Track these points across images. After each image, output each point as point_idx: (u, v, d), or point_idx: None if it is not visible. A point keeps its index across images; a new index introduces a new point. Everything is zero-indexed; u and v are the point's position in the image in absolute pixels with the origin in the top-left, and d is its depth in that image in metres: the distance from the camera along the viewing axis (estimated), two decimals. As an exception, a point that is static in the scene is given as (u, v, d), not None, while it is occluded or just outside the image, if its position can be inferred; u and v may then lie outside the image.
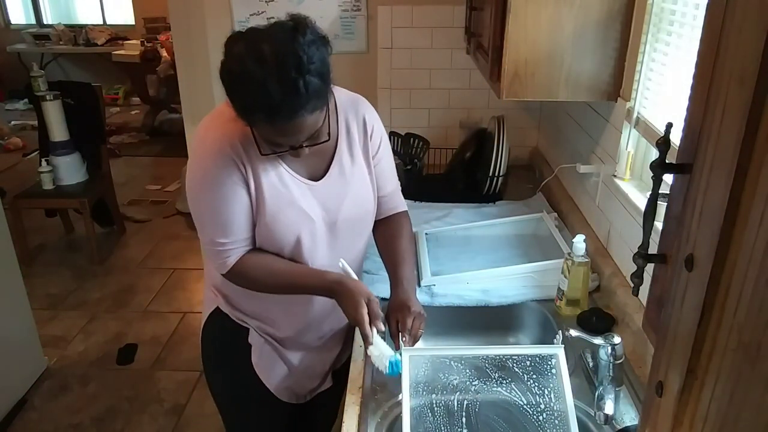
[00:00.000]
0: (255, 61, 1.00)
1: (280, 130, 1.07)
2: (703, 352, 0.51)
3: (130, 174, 5.11)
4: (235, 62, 1.03)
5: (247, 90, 1.02)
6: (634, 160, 1.51)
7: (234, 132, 1.16)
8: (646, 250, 0.62)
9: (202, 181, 1.20)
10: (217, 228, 1.22)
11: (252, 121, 1.09)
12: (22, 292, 2.58)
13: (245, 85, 1.02)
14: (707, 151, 0.50)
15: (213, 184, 1.18)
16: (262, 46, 1.01)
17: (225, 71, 1.04)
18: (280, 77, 1.00)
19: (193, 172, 1.22)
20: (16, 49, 6.88)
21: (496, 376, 1.22)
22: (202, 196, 1.21)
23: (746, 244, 0.44)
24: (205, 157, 1.19)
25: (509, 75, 1.48)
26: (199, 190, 1.21)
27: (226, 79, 1.04)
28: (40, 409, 2.54)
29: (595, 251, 1.61)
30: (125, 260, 3.74)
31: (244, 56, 1.01)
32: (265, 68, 1.00)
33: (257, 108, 1.03)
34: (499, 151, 2.06)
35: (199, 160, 1.20)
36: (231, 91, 1.05)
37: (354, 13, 2.44)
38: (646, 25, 1.38)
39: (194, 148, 1.23)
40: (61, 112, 3.55)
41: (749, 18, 0.44)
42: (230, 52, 1.04)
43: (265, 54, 1.00)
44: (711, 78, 0.50)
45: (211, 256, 1.26)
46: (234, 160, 1.17)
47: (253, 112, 1.05)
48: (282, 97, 1.01)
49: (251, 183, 1.19)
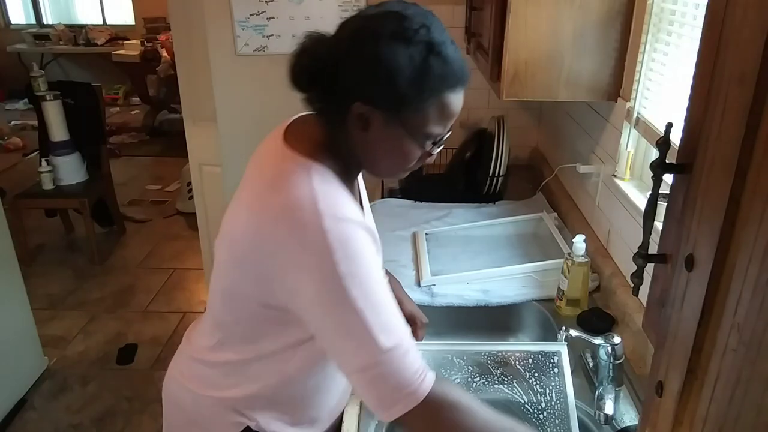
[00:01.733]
0: (422, 28, 0.84)
1: (453, 107, 0.90)
2: (703, 352, 0.51)
3: (130, 174, 5.11)
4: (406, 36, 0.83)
5: (439, 61, 0.84)
6: (634, 160, 1.51)
7: (339, 186, 0.89)
8: (646, 250, 0.62)
9: (352, 272, 0.81)
10: (390, 324, 0.84)
11: (428, 102, 0.86)
12: (22, 292, 2.58)
13: (434, 54, 0.83)
14: (707, 151, 0.50)
15: (366, 266, 0.83)
16: (407, 14, 0.85)
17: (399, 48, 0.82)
18: (446, 38, 0.86)
19: (326, 269, 0.81)
20: (16, 49, 6.88)
21: (498, 373, 1.21)
22: (355, 291, 0.81)
23: (746, 244, 0.44)
24: (339, 240, 0.81)
25: (509, 75, 1.48)
26: (353, 284, 0.81)
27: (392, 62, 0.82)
28: (40, 409, 2.54)
29: (595, 251, 1.61)
30: (125, 260, 3.74)
31: (411, 29, 0.83)
32: (433, 33, 0.84)
33: (443, 79, 0.85)
34: (499, 151, 2.06)
35: (327, 250, 0.80)
36: (403, 74, 0.82)
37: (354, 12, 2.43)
38: (646, 25, 1.38)
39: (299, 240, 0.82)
40: (61, 112, 3.55)
41: (749, 18, 0.44)
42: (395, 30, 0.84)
43: (424, 21, 0.85)
44: (711, 78, 0.50)
45: (396, 377, 0.82)
46: (364, 225, 0.86)
47: (436, 86, 0.85)
48: (458, 57, 0.88)
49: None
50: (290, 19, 2.45)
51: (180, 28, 2.58)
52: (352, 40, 0.86)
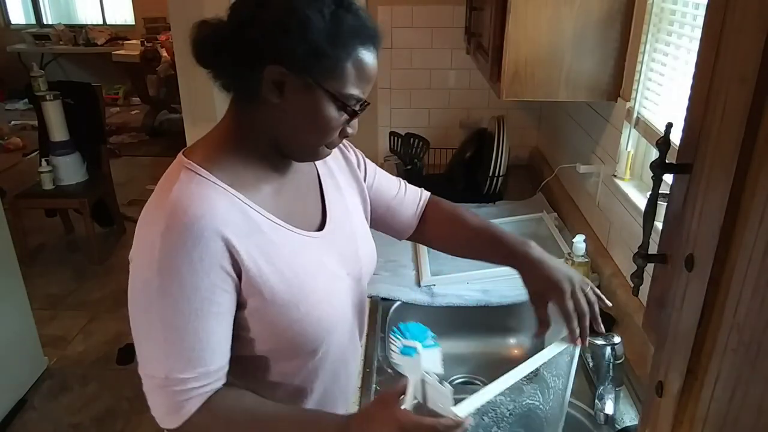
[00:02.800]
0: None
1: (370, 67, 0.85)
2: (703, 352, 0.51)
3: (130, 174, 5.11)
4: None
5: (349, 15, 0.81)
6: (634, 160, 1.51)
7: (226, 204, 0.81)
8: (646, 250, 0.62)
9: (162, 279, 0.79)
10: (183, 357, 0.80)
11: (344, 59, 0.81)
12: (22, 292, 2.58)
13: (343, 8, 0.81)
14: (707, 151, 0.50)
15: (183, 284, 0.78)
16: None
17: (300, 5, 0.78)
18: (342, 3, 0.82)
19: (146, 266, 0.81)
20: (16, 49, 6.88)
21: (528, 389, 1.13)
22: (160, 305, 0.80)
23: (746, 244, 0.44)
24: (169, 248, 0.78)
25: (509, 75, 1.48)
26: (157, 296, 0.80)
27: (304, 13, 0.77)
28: (40, 409, 2.54)
29: (595, 251, 1.61)
30: (125, 260, 3.67)
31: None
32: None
33: (356, 32, 0.81)
34: (499, 151, 2.06)
35: (157, 248, 0.79)
36: (316, 26, 0.78)
37: None
38: (646, 25, 1.38)
39: (147, 230, 0.82)
40: (61, 112, 3.55)
41: (749, 18, 0.44)
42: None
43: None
44: (711, 78, 0.50)
45: (159, 398, 0.83)
46: (222, 237, 0.79)
47: (349, 40, 0.81)
48: (358, 17, 0.83)
49: (251, 275, 0.82)
50: (290, 19, 2.44)
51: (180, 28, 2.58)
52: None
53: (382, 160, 2.55)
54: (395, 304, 1.56)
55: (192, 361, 0.81)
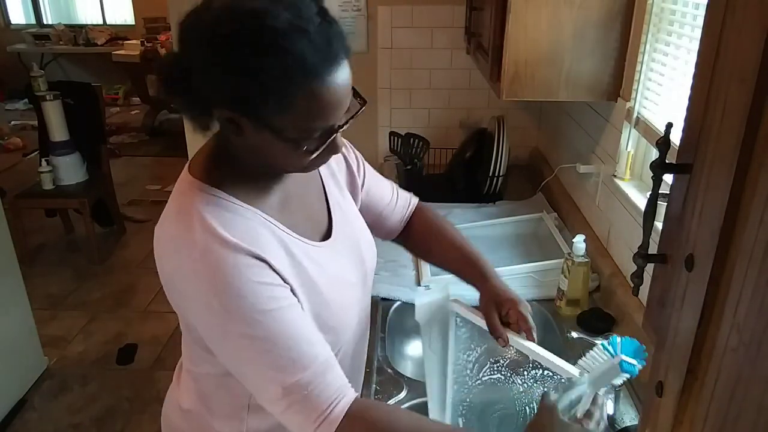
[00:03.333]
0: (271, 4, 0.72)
1: (330, 93, 0.75)
2: (703, 352, 0.51)
3: (130, 174, 5.11)
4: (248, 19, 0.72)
5: (281, 47, 0.71)
6: (634, 160, 1.51)
7: (251, 223, 0.82)
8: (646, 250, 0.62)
9: (221, 299, 0.77)
10: (286, 361, 0.79)
11: (286, 97, 0.74)
12: (22, 292, 2.58)
13: (278, 40, 0.71)
14: (707, 151, 0.50)
15: (243, 294, 0.78)
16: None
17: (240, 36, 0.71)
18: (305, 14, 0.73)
19: (200, 297, 0.79)
20: (16, 49, 6.88)
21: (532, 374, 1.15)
22: (234, 325, 0.78)
23: (746, 244, 0.44)
24: (214, 267, 0.77)
25: (509, 75, 1.48)
26: (227, 319, 0.78)
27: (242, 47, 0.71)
28: (40, 409, 2.54)
29: (595, 251, 1.61)
30: (125, 260, 3.74)
31: (258, 11, 0.71)
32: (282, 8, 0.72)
33: (305, 63, 0.72)
34: (499, 151, 2.06)
35: (203, 276, 0.78)
36: (254, 60, 0.72)
37: (354, 13, 2.44)
38: (646, 25, 1.38)
39: (181, 262, 0.80)
40: (61, 112, 3.55)
41: (749, 18, 0.44)
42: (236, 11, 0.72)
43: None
44: (711, 78, 0.50)
45: (299, 416, 0.79)
46: (261, 258, 0.80)
47: (298, 73, 0.73)
48: (323, 38, 0.73)
49: (284, 274, 0.83)
50: (290, 19, 2.44)
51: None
52: (186, 43, 0.77)
53: (382, 160, 2.55)
54: (395, 304, 1.56)
55: (297, 360, 0.78)
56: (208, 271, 0.77)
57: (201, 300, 0.79)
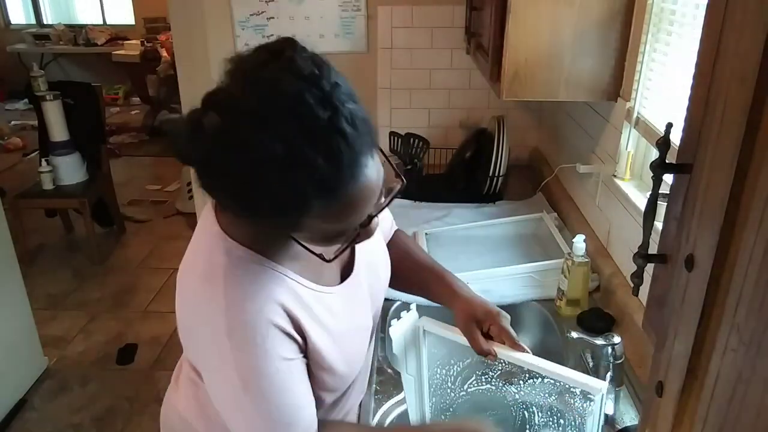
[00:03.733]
0: (260, 131, 0.64)
1: (344, 206, 0.71)
2: (703, 352, 0.51)
3: (130, 174, 5.11)
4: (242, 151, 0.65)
5: (281, 176, 0.65)
6: (634, 160, 1.51)
7: (271, 288, 0.82)
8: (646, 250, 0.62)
9: (242, 376, 0.80)
10: (288, 427, 0.84)
11: (302, 220, 0.71)
12: (22, 292, 2.58)
13: (270, 171, 0.65)
14: (707, 151, 0.50)
15: (265, 373, 0.80)
16: (248, 103, 0.66)
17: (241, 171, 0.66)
18: (309, 127, 0.65)
19: (221, 365, 0.82)
20: (16, 49, 6.88)
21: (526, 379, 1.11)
22: (250, 397, 0.81)
23: (746, 244, 0.44)
24: (240, 347, 0.79)
25: (509, 75, 1.48)
26: (243, 391, 0.81)
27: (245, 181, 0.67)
28: (40, 409, 2.54)
29: (595, 251, 1.61)
30: (125, 260, 3.74)
31: (250, 139, 0.65)
32: (278, 131, 0.64)
33: (308, 191, 0.66)
34: (499, 151, 2.06)
35: (228, 349, 0.79)
36: (258, 193, 0.68)
37: (354, 13, 2.44)
38: (646, 25, 1.38)
39: (207, 328, 0.82)
40: (61, 112, 3.55)
41: (749, 18, 0.44)
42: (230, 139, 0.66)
43: (266, 113, 0.65)
44: (711, 78, 0.50)
45: None
46: (279, 328, 0.81)
47: (304, 202, 0.68)
48: (330, 156, 0.66)
49: (300, 341, 0.85)
50: (290, 19, 2.45)
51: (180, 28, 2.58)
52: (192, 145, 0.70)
53: (382, 160, 2.54)
54: (395, 304, 1.55)
55: (292, 425, 0.85)
56: (232, 348, 0.79)
57: (220, 367, 0.82)
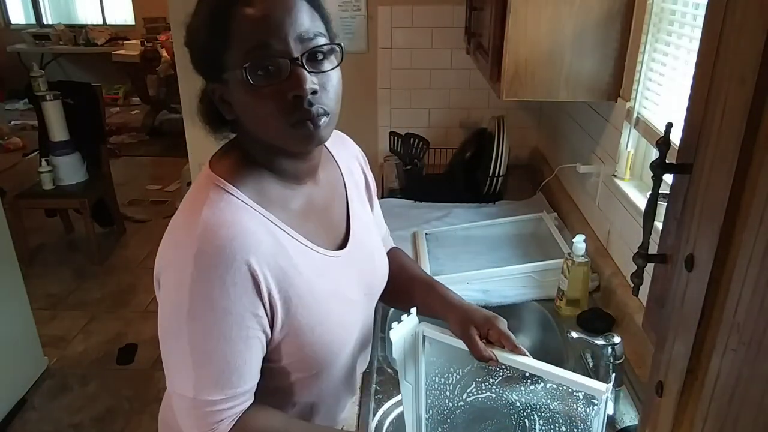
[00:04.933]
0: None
1: (255, 8, 0.76)
2: (703, 352, 0.51)
3: (130, 174, 5.11)
4: None
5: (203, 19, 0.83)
6: (634, 160, 1.51)
7: (256, 228, 0.80)
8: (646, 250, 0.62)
9: (193, 302, 0.77)
10: (211, 379, 0.80)
11: (221, 31, 0.79)
12: (22, 292, 2.58)
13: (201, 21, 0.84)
14: (707, 151, 0.50)
15: (215, 309, 0.77)
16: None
17: None
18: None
19: (176, 288, 0.78)
20: (16, 49, 6.88)
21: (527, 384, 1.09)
22: (190, 328, 0.78)
23: (746, 244, 0.44)
24: (201, 271, 0.76)
25: (509, 75, 1.48)
26: (187, 319, 0.78)
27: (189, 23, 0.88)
28: (40, 409, 2.54)
29: (595, 251, 1.61)
30: (125, 260, 3.74)
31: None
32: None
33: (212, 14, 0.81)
34: (499, 151, 2.06)
35: (189, 272, 0.76)
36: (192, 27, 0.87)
37: (354, 13, 2.44)
38: (646, 25, 1.38)
39: (178, 252, 0.79)
40: (61, 112, 3.55)
41: (749, 18, 0.44)
42: None
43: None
44: (711, 78, 0.50)
45: (190, 419, 0.83)
46: (250, 268, 0.78)
47: (215, 7, 0.81)
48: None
49: (269, 294, 0.81)
50: (290, 19, 2.44)
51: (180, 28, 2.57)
52: None
53: (382, 160, 2.55)
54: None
55: (220, 384, 0.81)
56: (195, 272, 0.76)
57: (174, 289, 0.79)
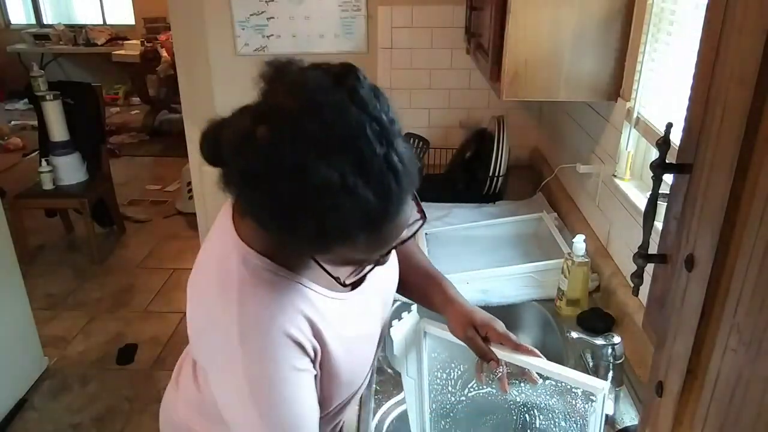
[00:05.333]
0: (318, 157, 0.63)
1: (380, 240, 0.73)
2: (703, 352, 0.51)
3: (130, 174, 5.11)
4: (286, 176, 0.64)
5: (330, 205, 0.65)
6: (634, 160, 1.51)
7: (287, 298, 0.81)
8: (646, 250, 0.62)
9: (252, 386, 0.80)
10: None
11: (335, 248, 0.72)
12: (22, 292, 2.58)
13: (320, 198, 0.64)
14: (707, 151, 0.50)
15: (275, 386, 0.80)
16: (309, 127, 0.64)
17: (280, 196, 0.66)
18: (366, 162, 0.65)
19: (231, 373, 0.80)
20: (16, 49, 6.87)
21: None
22: (258, 407, 0.81)
23: (746, 244, 0.44)
24: (251, 355, 0.78)
25: (509, 75, 1.48)
26: (251, 402, 0.80)
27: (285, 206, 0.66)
28: (40, 409, 2.54)
29: (595, 251, 1.61)
30: (125, 260, 3.74)
31: (299, 160, 0.63)
32: (335, 161, 0.63)
33: (352, 223, 0.67)
34: (499, 151, 2.06)
35: (239, 359, 0.78)
36: (301, 217, 0.67)
37: (354, 13, 2.44)
38: (646, 25, 1.38)
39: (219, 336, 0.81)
40: (61, 112, 3.55)
41: (749, 18, 0.44)
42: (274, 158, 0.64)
43: (326, 141, 0.64)
44: (711, 78, 0.50)
45: None
46: (293, 339, 0.80)
47: (345, 232, 0.68)
48: (381, 192, 0.66)
49: (311, 352, 0.84)
50: (290, 19, 2.45)
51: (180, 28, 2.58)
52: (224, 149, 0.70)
53: (382, 160, 2.54)
54: (395, 304, 1.55)
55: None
56: (243, 357, 0.78)
57: (229, 371, 0.81)
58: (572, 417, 0.99)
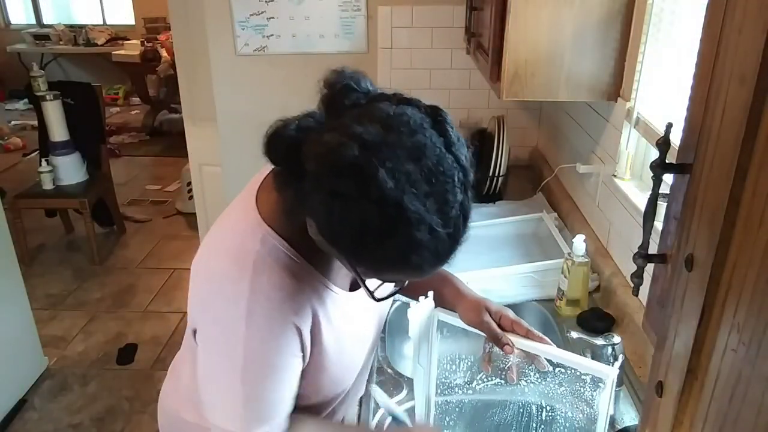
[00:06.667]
0: (414, 196, 0.68)
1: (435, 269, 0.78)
2: (703, 352, 0.51)
3: (130, 174, 5.11)
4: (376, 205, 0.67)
5: (406, 236, 0.68)
6: (634, 160, 1.51)
7: (299, 286, 0.84)
8: (646, 250, 0.62)
9: (247, 358, 0.83)
10: (254, 414, 0.87)
11: (389, 273, 0.77)
12: (22, 292, 2.58)
13: (404, 233, 0.68)
14: (707, 151, 0.50)
15: (269, 364, 0.84)
16: (406, 167, 0.68)
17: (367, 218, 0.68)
18: (447, 205, 0.71)
19: (229, 341, 0.84)
20: (16, 49, 6.87)
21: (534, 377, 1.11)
22: (243, 377, 0.84)
23: (746, 244, 0.44)
24: (254, 331, 0.82)
25: (509, 75, 1.48)
26: (241, 371, 0.84)
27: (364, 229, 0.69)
28: (40, 409, 2.54)
29: (595, 251, 1.61)
30: (125, 260, 3.74)
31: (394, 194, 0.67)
32: (426, 201, 0.69)
33: (418, 254, 0.71)
34: (499, 151, 2.06)
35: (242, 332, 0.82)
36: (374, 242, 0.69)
37: (354, 13, 2.44)
38: (646, 25, 1.38)
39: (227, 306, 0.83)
40: (61, 112, 3.55)
41: (749, 18, 0.44)
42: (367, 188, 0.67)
43: (423, 183, 0.69)
44: (711, 78, 0.50)
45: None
46: (296, 326, 0.84)
47: (407, 259, 0.71)
48: (453, 234, 0.73)
49: (307, 343, 0.87)
50: (290, 19, 2.45)
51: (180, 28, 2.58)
52: (316, 162, 0.71)
53: (382, 160, 2.54)
54: (395, 304, 1.55)
55: (268, 419, 0.87)
56: (246, 332, 0.81)
57: (225, 342, 0.84)
58: (579, 407, 1.00)
